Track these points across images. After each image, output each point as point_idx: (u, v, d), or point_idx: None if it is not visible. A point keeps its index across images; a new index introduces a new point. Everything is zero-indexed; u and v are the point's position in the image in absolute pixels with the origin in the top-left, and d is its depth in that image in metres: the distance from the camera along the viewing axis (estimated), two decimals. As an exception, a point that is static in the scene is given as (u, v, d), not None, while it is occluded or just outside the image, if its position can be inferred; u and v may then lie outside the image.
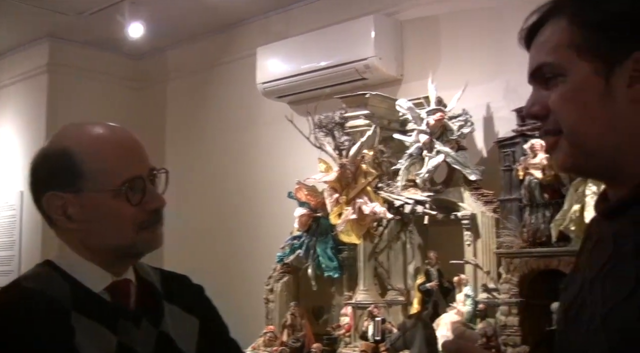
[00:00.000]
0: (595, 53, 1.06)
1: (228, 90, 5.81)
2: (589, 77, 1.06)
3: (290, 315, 4.38)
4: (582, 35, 1.07)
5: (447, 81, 4.15)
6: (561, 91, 1.09)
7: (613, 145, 1.07)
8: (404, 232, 4.19)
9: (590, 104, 1.07)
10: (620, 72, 1.05)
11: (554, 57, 1.09)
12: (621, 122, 1.06)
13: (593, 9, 1.08)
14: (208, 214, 5.77)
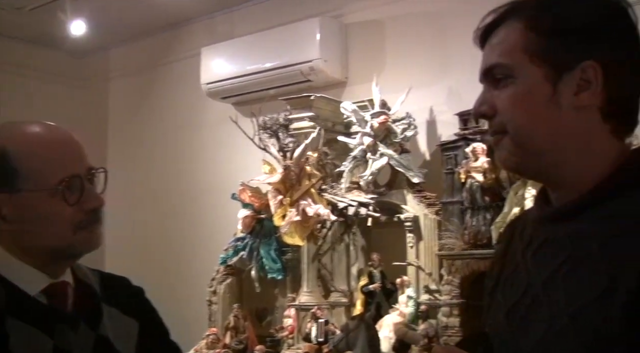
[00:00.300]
0: (546, 59, 1.09)
1: (172, 90, 5.75)
2: (538, 82, 1.10)
3: (233, 317, 4.36)
4: (536, 41, 1.10)
5: (391, 84, 4.18)
6: (510, 92, 1.11)
7: (556, 148, 1.10)
8: (348, 234, 4.20)
9: (537, 107, 1.10)
10: (568, 80, 1.08)
11: (507, 58, 1.12)
12: (565, 127, 1.09)
13: (549, 17, 1.10)
14: (150, 215, 5.70)
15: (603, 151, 1.10)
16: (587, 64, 1.07)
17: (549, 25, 1.10)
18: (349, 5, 4.73)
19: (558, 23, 1.10)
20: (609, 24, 1.10)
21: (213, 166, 5.33)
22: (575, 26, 1.09)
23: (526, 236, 1.20)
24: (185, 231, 5.42)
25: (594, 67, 1.07)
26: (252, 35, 4.94)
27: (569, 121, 1.09)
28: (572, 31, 1.09)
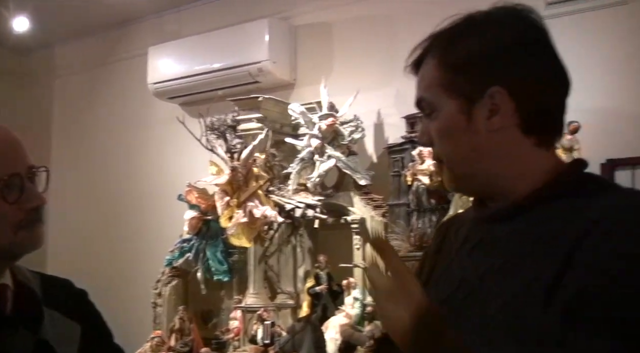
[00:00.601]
0: (457, 92, 1.19)
1: (118, 89, 5.68)
2: (455, 114, 1.19)
3: (179, 319, 4.32)
4: (446, 76, 1.19)
5: (339, 87, 4.20)
6: (435, 126, 1.22)
7: (484, 169, 1.19)
8: (295, 236, 4.21)
9: (458, 136, 1.19)
10: (480, 107, 1.17)
11: (428, 94, 1.22)
12: (488, 150, 1.18)
13: (453, 52, 1.19)
14: (95, 215, 5.62)
15: (531, 163, 1.19)
16: (493, 90, 1.16)
17: (454, 61, 1.19)
18: (298, 7, 4.74)
19: (461, 58, 1.18)
20: (509, 49, 1.18)
21: (159, 167, 5.28)
22: (477, 59, 1.18)
23: (461, 235, 1.29)
24: (131, 232, 5.36)
25: (500, 92, 1.15)
26: (200, 35, 4.91)
27: (490, 144, 1.18)
28: (474, 64, 1.18)
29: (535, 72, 1.18)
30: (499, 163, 1.19)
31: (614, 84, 3.64)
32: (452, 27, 1.23)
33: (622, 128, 3.60)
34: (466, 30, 1.21)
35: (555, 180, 1.16)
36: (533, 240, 1.11)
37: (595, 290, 1.00)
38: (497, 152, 1.18)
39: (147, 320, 4.59)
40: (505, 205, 1.19)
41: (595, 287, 1.00)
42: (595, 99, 3.66)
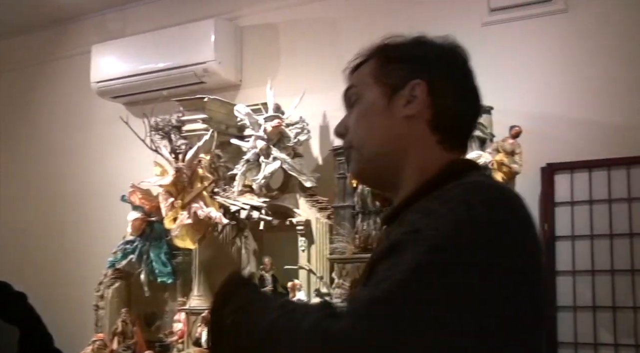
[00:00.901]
0: (385, 80, 1.34)
1: (60, 87, 5.58)
2: (377, 98, 1.33)
3: (121, 322, 4.26)
4: (379, 67, 1.36)
5: (285, 88, 4.20)
6: (356, 109, 1.36)
7: (388, 152, 1.31)
8: (240, 238, 4.19)
9: (374, 118, 1.33)
10: (400, 96, 1.31)
11: (358, 81, 1.38)
12: (396, 133, 1.31)
13: (391, 50, 1.37)
14: (36, 216, 5.52)
15: (427, 158, 1.30)
16: (415, 82, 1.31)
17: (389, 55, 1.36)
18: (244, 8, 4.73)
19: (396, 53, 1.36)
20: (437, 56, 1.35)
21: (103, 167, 5.21)
22: (409, 56, 1.35)
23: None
24: (72, 233, 5.27)
25: (420, 85, 1.31)
26: (145, 34, 4.86)
27: (400, 129, 1.30)
28: (405, 59, 1.35)
29: (454, 79, 1.34)
30: (403, 153, 1.30)
31: (555, 89, 3.73)
32: (396, 38, 1.39)
33: (562, 133, 3.68)
34: (407, 39, 1.39)
35: (425, 181, 1.26)
36: (387, 243, 1.17)
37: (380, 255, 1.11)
38: (403, 139, 1.30)
39: (89, 323, 4.52)
40: (391, 208, 1.33)
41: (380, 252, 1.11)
42: (536, 104, 3.75)
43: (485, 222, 1.06)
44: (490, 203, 1.10)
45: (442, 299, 0.97)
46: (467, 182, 1.19)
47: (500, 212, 1.10)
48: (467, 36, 4.28)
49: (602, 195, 3.49)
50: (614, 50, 3.62)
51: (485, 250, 1.03)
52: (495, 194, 1.15)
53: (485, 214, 1.07)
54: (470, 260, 1.01)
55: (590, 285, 3.45)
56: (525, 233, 1.13)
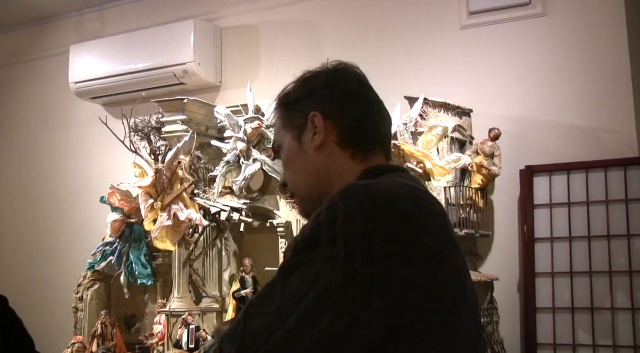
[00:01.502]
0: (291, 125, 1.42)
1: (38, 87, 5.54)
2: (291, 143, 1.42)
3: (101, 324, 4.23)
4: (283, 116, 1.45)
5: (265, 90, 4.19)
6: (282, 159, 1.45)
7: (315, 184, 1.39)
8: (220, 239, 4.18)
9: (294, 161, 1.42)
10: (307, 132, 1.39)
11: (276, 137, 1.48)
12: (314, 166, 1.39)
13: (286, 97, 1.45)
14: (14, 218, 5.47)
15: (346, 174, 1.35)
16: (311, 114, 1.38)
17: (285, 102, 1.45)
18: (224, 9, 4.72)
19: (290, 99, 1.44)
20: (321, 85, 1.42)
21: (81, 168, 5.17)
22: (299, 96, 1.43)
23: None
24: (51, 235, 5.23)
25: (316, 115, 1.38)
26: (124, 34, 4.84)
27: (316, 160, 1.38)
28: (298, 101, 1.42)
29: (341, 97, 1.41)
30: (325, 179, 1.37)
31: (533, 92, 3.76)
32: (288, 85, 1.48)
33: (541, 135, 3.72)
34: (295, 83, 1.46)
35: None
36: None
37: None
38: (322, 167, 1.38)
39: (68, 325, 4.49)
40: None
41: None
42: (515, 107, 3.78)
43: (330, 217, 1.11)
44: (344, 199, 1.13)
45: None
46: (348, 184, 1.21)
47: (348, 206, 1.12)
48: (446, 39, 4.35)
49: (581, 197, 3.53)
50: (592, 54, 3.66)
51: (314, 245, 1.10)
52: (353, 190, 1.16)
53: (334, 210, 1.12)
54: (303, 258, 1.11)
55: (569, 286, 3.48)
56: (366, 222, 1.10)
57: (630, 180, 3.44)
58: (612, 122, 3.58)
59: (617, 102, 3.58)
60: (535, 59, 3.77)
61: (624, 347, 3.34)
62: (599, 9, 3.66)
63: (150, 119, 4.32)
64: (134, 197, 4.28)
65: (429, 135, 3.58)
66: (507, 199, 3.77)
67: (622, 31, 3.60)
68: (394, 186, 1.22)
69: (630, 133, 3.55)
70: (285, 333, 1.05)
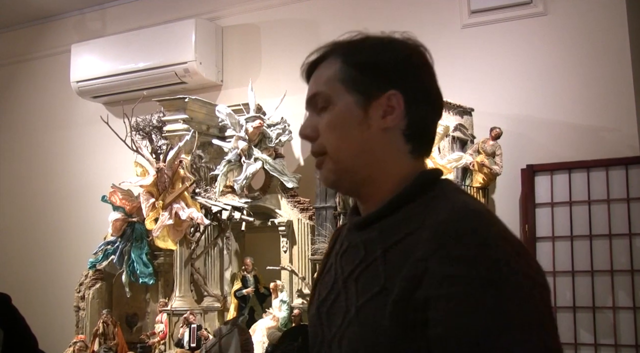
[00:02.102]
0: (358, 88, 1.28)
1: (40, 86, 5.54)
2: (352, 107, 1.27)
3: (102, 323, 4.24)
4: (350, 73, 1.28)
5: (267, 89, 4.21)
6: (328, 117, 1.29)
7: (365, 164, 1.28)
8: (221, 238, 4.19)
9: (350, 129, 1.27)
10: (376, 106, 1.27)
11: (327, 87, 1.29)
12: (373, 146, 1.27)
13: (359, 54, 1.29)
14: (16, 217, 5.47)
15: (401, 169, 1.29)
16: (392, 92, 1.26)
17: (359, 60, 1.29)
18: (226, 8, 4.72)
19: (366, 59, 1.29)
20: (408, 62, 1.30)
21: (83, 167, 5.18)
22: (381, 62, 1.28)
23: (343, 241, 1.37)
24: (53, 234, 5.24)
25: (397, 96, 1.26)
26: (125, 33, 4.84)
27: (377, 140, 1.27)
28: (378, 66, 1.28)
29: (424, 87, 1.31)
30: (378, 164, 1.28)
31: (534, 91, 3.76)
32: (357, 37, 1.33)
33: (542, 134, 3.72)
34: (371, 40, 1.32)
35: (403, 191, 1.26)
36: (383, 247, 1.21)
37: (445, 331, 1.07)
38: (380, 151, 1.28)
39: (70, 324, 4.50)
40: (367, 213, 1.29)
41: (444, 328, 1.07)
42: (517, 106, 3.78)
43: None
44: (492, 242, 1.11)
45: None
46: (454, 207, 1.19)
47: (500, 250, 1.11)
48: (448, 38, 4.34)
49: (582, 196, 3.53)
50: (593, 53, 3.66)
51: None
52: (488, 229, 1.14)
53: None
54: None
55: (571, 285, 3.48)
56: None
57: (632, 179, 3.44)
58: (614, 121, 3.58)
59: (619, 101, 3.58)
60: (537, 58, 3.77)
61: (626, 346, 3.34)
62: (600, 8, 3.66)
63: (151, 118, 4.33)
64: (135, 196, 4.28)
65: (430, 134, 3.58)
66: (509, 198, 3.77)
67: (623, 30, 3.60)
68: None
69: (631, 132, 3.54)
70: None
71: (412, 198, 1.24)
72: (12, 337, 1.61)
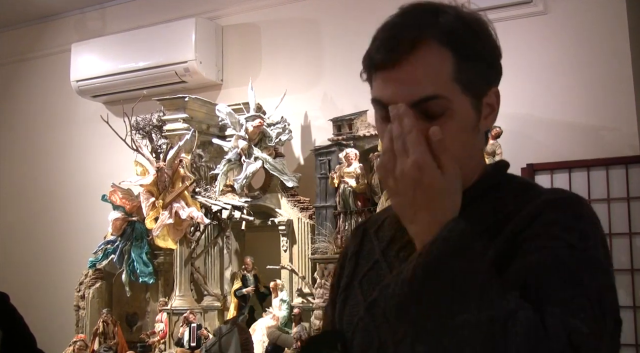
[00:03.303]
0: (471, 88, 1.13)
1: (40, 86, 5.54)
2: (470, 112, 1.13)
3: (102, 322, 4.24)
4: (466, 71, 1.11)
5: (267, 88, 4.20)
6: (452, 127, 1.10)
7: (464, 166, 1.12)
8: (221, 238, 4.19)
9: (467, 136, 1.14)
10: (483, 105, 1.15)
11: (445, 90, 1.10)
12: (476, 148, 1.19)
13: (472, 46, 1.13)
14: (16, 216, 5.47)
15: (479, 164, 1.22)
16: (494, 90, 1.16)
17: (474, 55, 1.13)
18: (226, 7, 4.72)
19: (481, 53, 1.14)
20: (499, 58, 1.19)
21: (83, 166, 5.17)
22: (490, 56, 1.16)
23: (385, 236, 1.28)
24: (53, 233, 5.23)
25: (497, 93, 1.17)
26: (126, 33, 4.84)
27: (478, 142, 1.19)
28: (487, 61, 1.16)
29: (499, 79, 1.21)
30: (474, 166, 1.20)
31: (534, 91, 3.75)
32: (455, 18, 1.14)
33: (542, 133, 3.71)
34: (475, 25, 1.15)
35: (482, 180, 1.19)
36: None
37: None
38: (478, 152, 1.21)
39: (70, 323, 4.50)
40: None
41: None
42: (517, 105, 3.77)
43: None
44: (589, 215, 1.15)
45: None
46: (554, 190, 1.23)
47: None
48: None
49: (582, 195, 3.51)
50: (593, 52, 3.65)
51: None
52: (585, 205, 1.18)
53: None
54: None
55: (570, 284, 3.47)
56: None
57: (632, 179, 3.44)
58: (614, 121, 3.58)
59: (619, 100, 3.57)
60: (537, 57, 3.76)
61: (626, 345, 3.34)
62: (600, 7, 3.65)
63: (151, 117, 4.33)
64: (135, 196, 4.29)
65: (431, 133, 3.58)
66: (509, 197, 3.76)
67: (623, 29, 3.59)
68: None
69: (631, 131, 3.54)
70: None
71: (491, 189, 1.19)
72: (10, 336, 1.61)
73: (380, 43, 1.14)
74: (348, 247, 1.39)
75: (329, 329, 1.35)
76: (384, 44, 1.13)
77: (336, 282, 1.37)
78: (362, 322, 1.22)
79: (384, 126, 1.13)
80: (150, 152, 4.19)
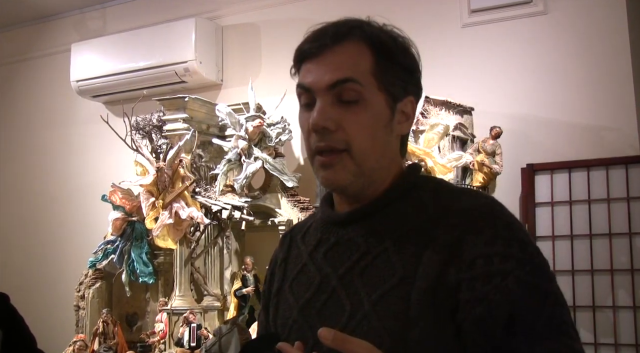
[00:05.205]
0: (390, 89, 1.23)
1: (40, 86, 5.54)
2: (383, 108, 1.23)
3: (102, 322, 4.24)
4: (385, 71, 1.22)
5: (267, 88, 4.20)
6: (363, 115, 1.20)
7: (379, 168, 1.24)
8: (221, 238, 4.19)
9: (379, 131, 1.22)
10: (398, 110, 1.25)
11: (361, 78, 1.20)
12: (390, 150, 1.26)
13: (395, 54, 1.24)
14: (16, 216, 5.47)
15: (396, 170, 1.28)
16: (411, 98, 1.26)
17: (395, 60, 1.23)
18: (225, 7, 4.72)
19: (402, 61, 1.24)
20: (419, 70, 1.28)
21: (83, 166, 5.18)
22: (410, 67, 1.26)
23: (311, 240, 1.34)
24: (53, 233, 5.24)
25: (412, 103, 1.27)
26: (126, 33, 4.84)
27: (393, 145, 1.27)
28: (407, 69, 1.25)
29: (420, 95, 1.31)
30: (387, 168, 1.26)
31: (535, 91, 3.76)
32: (383, 29, 1.27)
33: (542, 134, 3.72)
34: (400, 40, 1.26)
35: (398, 182, 1.25)
36: (393, 238, 1.19)
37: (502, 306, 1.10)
38: (391, 155, 1.26)
39: (69, 323, 4.50)
40: (358, 207, 1.25)
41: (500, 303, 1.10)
42: (517, 105, 3.78)
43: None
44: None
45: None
46: (472, 194, 1.27)
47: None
48: (448, 37, 4.34)
49: (582, 195, 3.53)
50: (593, 52, 3.66)
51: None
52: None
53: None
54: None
55: (571, 285, 3.48)
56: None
57: (632, 179, 3.44)
58: (614, 121, 3.58)
59: (619, 100, 3.58)
60: (537, 57, 3.77)
61: (626, 345, 3.34)
62: (600, 6, 3.65)
63: (151, 117, 4.33)
64: (135, 196, 4.29)
65: (431, 133, 3.58)
66: (509, 198, 3.76)
67: (623, 29, 3.60)
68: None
69: (631, 131, 3.54)
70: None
71: (409, 190, 1.25)
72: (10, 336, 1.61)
73: (311, 36, 1.29)
74: (277, 255, 1.47)
75: (264, 333, 1.42)
76: (314, 36, 1.28)
77: (267, 288, 1.45)
78: (296, 323, 1.29)
79: (305, 115, 1.25)
80: (150, 152, 4.19)
